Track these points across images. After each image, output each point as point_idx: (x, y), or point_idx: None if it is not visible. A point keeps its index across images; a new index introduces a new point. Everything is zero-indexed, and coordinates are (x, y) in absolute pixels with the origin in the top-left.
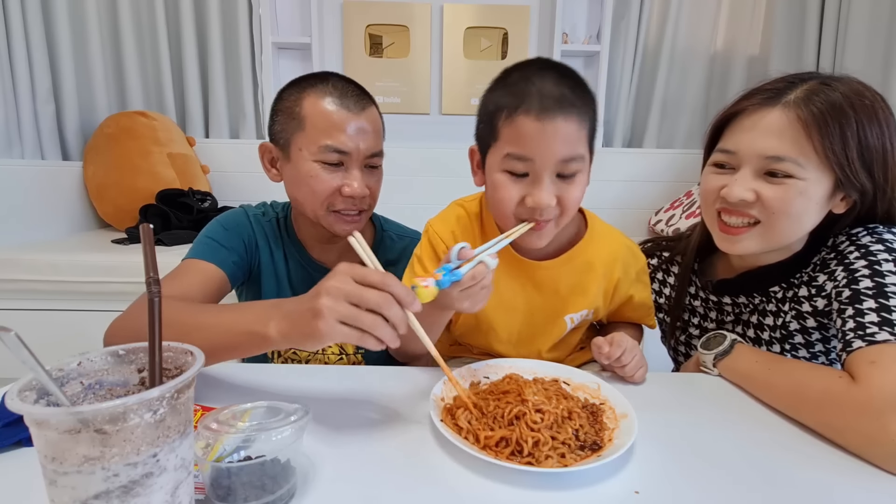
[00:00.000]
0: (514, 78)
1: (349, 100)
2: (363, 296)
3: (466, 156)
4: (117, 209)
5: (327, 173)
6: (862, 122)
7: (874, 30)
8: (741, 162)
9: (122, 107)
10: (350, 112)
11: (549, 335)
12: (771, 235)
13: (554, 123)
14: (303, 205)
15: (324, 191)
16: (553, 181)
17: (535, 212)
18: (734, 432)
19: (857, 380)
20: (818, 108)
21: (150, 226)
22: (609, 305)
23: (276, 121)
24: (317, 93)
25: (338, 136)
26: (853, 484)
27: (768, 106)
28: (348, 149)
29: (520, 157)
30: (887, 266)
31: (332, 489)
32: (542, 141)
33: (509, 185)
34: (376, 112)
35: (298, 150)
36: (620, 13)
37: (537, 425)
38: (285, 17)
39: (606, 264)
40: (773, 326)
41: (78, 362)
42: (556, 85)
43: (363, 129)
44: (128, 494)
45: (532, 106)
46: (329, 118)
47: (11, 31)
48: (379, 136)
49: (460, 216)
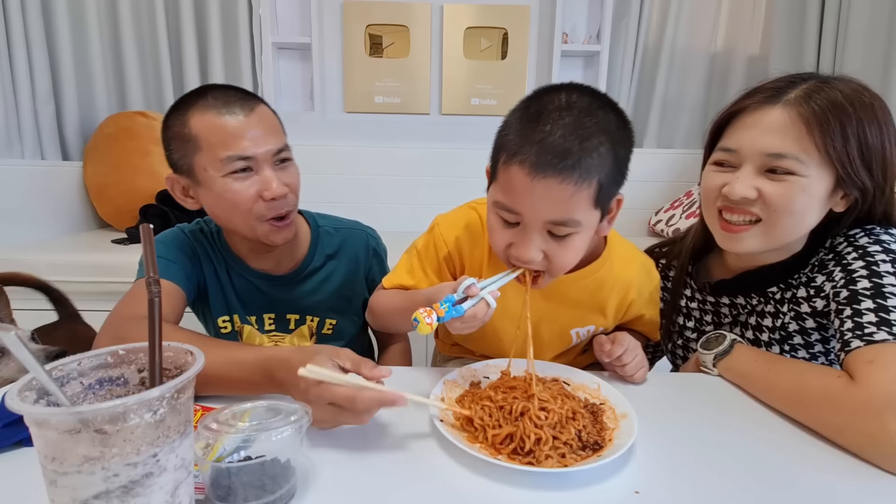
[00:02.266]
0: (532, 109)
1: (234, 105)
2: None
3: (466, 156)
4: (117, 209)
5: (240, 182)
6: (862, 121)
7: (874, 30)
8: (743, 160)
9: (122, 107)
10: (237, 116)
11: (554, 347)
12: (773, 233)
13: (545, 182)
14: (232, 222)
15: (244, 201)
16: (542, 237)
17: (519, 261)
18: (734, 432)
19: (855, 379)
20: (819, 106)
21: (150, 226)
22: (618, 321)
23: (171, 150)
24: (199, 109)
25: (235, 143)
26: (853, 484)
27: (769, 104)
28: (251, 153)
29: (507, 208)
30: (885, 267)
31: (332, 489)
32: (530, 199)
33: (500, 230)
34: (267, 109)
35: (204, 171)
36: (620, 13)
37: (541, 422)
38: (285, 17)
39: (622, 286)
40: (771, 328)
41: (78, 362)
42: (564, 136)
43: (259, 128)
44: (128, 494)
45: (527, 158)
46: (221, 130)
47: (11, 31)
48: (278, 132)
49: (471, 222)
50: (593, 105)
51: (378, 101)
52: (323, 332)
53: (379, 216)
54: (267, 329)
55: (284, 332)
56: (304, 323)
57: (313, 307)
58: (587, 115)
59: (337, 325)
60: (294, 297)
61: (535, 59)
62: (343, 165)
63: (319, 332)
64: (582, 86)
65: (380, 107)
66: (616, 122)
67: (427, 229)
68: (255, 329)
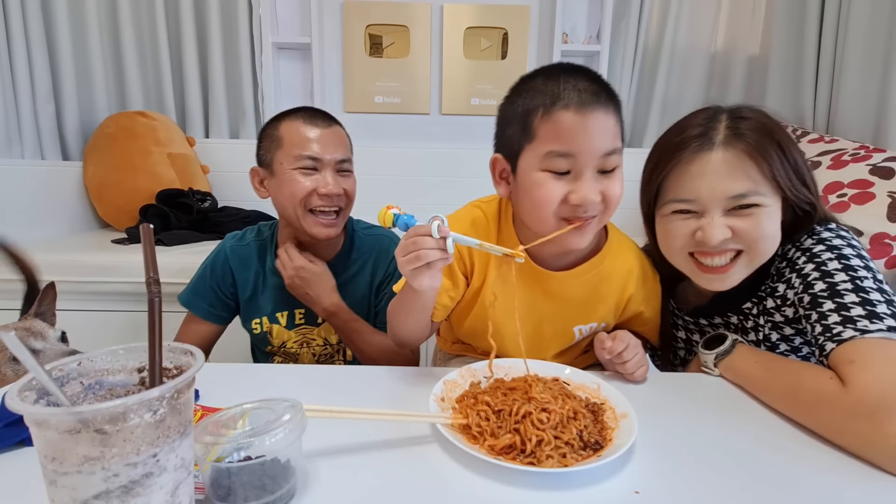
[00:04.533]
0: (538, 81)
1: (317, 118)
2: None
3: (466, 156)
4: (117, 209)
5: (304, 177)
6: (783, 142)
7: (874, 30)
8: (706, 206)
9: (122, 107)
10: (318, 127)
11: (557, 344)
12: (755, 258)
13: (595, 115)
14: (285, 207)
15: (301, 191)
16: (595, 177)
17: (579, 209)
18: (734, 432)
19: (844, 382)
20: (753, 139)
21: (150, 226)
22: (618, 319)
23: (261, 147)
24: (291, 118)
25: (309, 146)
26: (853, 484)
27: (706, 149)
28: (319, 155)
29: (562, 153)
30: (833, 265)
31: (332, 489)
32: (585, 135)
33: (551, 183)
34: (342, 131)
35: (280, 164)
36: (620, 13)
37: (543, 425)
38: (285, 17)
39: (621, 280)
40: (756, 341)
41: (78, 362)
42: (588, 80)
43: (330, 140)
44: (128, 494)
45: (571, 101)
46: (302, 134)
47: (11, 31)
48: (346, 148)
49: (476, 219)
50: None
51: (378, 101)
52: None
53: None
54: (297, 323)
55: (313, 325)
56: None
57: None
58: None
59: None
60: None
61: (535, 59)
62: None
63: None
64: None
65: (380, 107)
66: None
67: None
68: (283, 328)
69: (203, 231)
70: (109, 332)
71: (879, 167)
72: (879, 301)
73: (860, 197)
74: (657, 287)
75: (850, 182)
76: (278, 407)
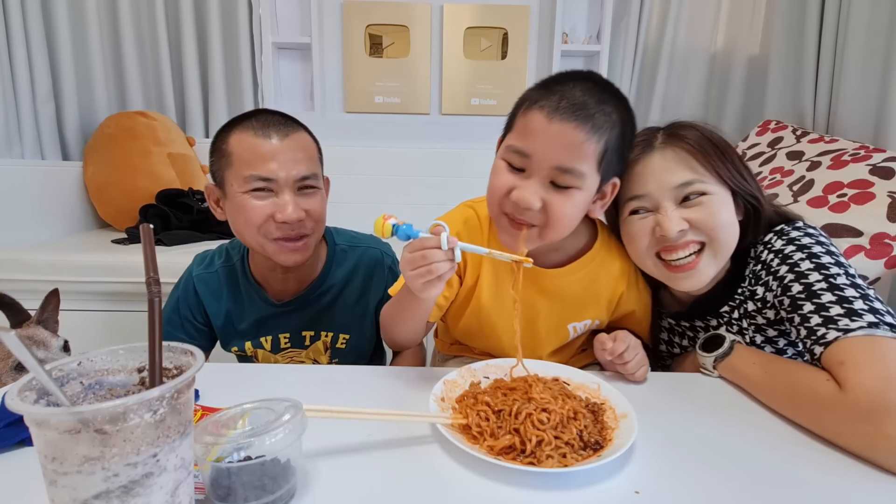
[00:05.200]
0: (555, 78)
1: (270, 129)
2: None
3: (466, 156)
4: (117, 209)
5: (258, 201)
6: (720, 144)
7: (874, 30)
8: (657, 200)
9: (122, 107)
10: (270, 140)
11: (552, 342)
12: (718, 249)
13: (561, 126)
14: (244, 237)
15: (256, 219)
16: (544, 185)
17: (516, 208)
18: (734, 433)
19: (839, 384)
20: (691, 140)
21: (150, 226)
22: (611, 316)
23: (212, 161)
24: (241, 128)
25: (261, 164)
26: (854, 484)
27: (647, 153)
28: (274, 175)
29: (518, 150)
30: (805, 265)
31: (332, 489)
32: (544, 140)
33: (504, 173)
34: (307, 137)
35: (231, 186)
36: (620, 13)
37: (543, 426)
38: (285, 17)
39: (613, 277)
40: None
41: (78, 362)
42: (584, 93)
43: (288, 155)
44: (128, 494)
45: (549, 104)
46: (252, 149)
47: (11, 31)
48: (311, 160)
49: (468, 218)
50: (610, 85)
51: (378, 101)
52: (337, 347)
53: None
54: (283, 347)
55: (300, 348)
56: (318, 339)
57: (328, 323)
58: (604, 88)
59: (350, 340)
60: (309, 315)
61: (535, 59)
62: (343, 165)
63: (333, 347)
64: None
65: (380, 107)
66: (627, 109)
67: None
68: (268, 352)
69: (203, 231)
70: (109, 332)
71: (879, 167)
72: (855, 297)
73: (860, 197)
74: (647, 287)
75: (850, 182)
76: (278, 407)
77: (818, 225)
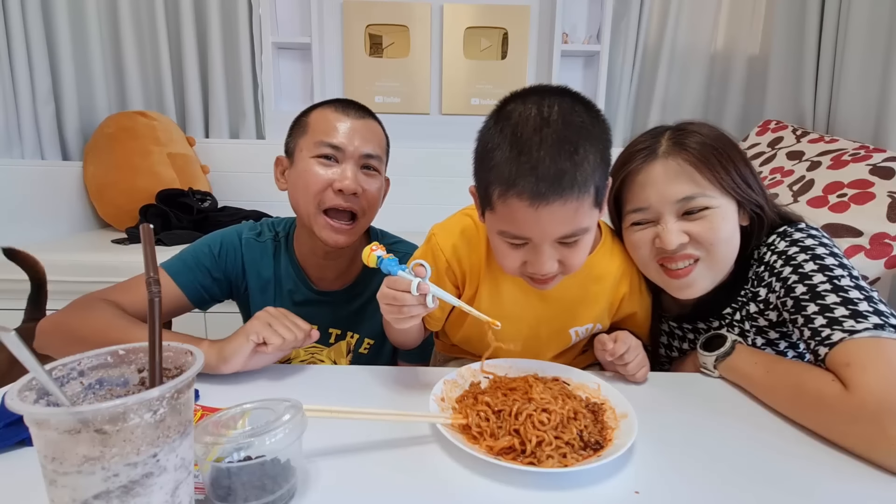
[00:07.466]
0: (509, 133)
1: (350, 108)
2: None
3: (466, 156)
4: (117, 209)
5: (321, 168)
6: (727, 150)
7: (874, 30)
8: (659, 213)
9: (122, 107)
10: (348, 117)
11: (554, 347)
12: (715, 265)
13: (549, 208)
14: (298, 203)
15: (316, 184)
16: (554, 248)
17: (535, 274)
18: (734, 433)
19: (845, 385)
20: (694, 149)
21: (150, 226)
22: (612, 319)
23: (289, 135)
24: (324, 106)
25: (333, 133)
26: (854, 484)
27: (650, 161)
28: (341, 144)
29: (514, 236)
30: (808, 266)
31: (331, 489)
32: (537, 225)
33: (509, 252)
34: (380, 127)
35: (300, 152)
36: (620, 13)
37: (544, 426)
38: (285, 17)
39: (615, 279)
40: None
41: (78, 362)
42: (554, 158)
43: (358, 130)
44: (128, 494)
45: (525, 189)
46: (328, 121)
47: (11, 31)
48: (379, 146)
49: (466, 228)
50: (564, 109)
51: (378, 101)
52: (360, 351)
53: (378, 216)
54: None
55: (323, 346)
56: (343, 339)
57: (356, 324)
58: (565, 126)
59: (374, 346)
60: (340, 312)
61: (535, 59)
62: None
63: (356, 351)
64: (544, 88)
65: (380, 107)
66: (590, 119)
67: (425, 240)
68: None
69: (203, 231)
70: None
71: (879, 167)
72: (860, 299)
73: (860, 197)
74: (649, 289)
75: (850, 182)
76: (278, 407)
77: (818, 225)
